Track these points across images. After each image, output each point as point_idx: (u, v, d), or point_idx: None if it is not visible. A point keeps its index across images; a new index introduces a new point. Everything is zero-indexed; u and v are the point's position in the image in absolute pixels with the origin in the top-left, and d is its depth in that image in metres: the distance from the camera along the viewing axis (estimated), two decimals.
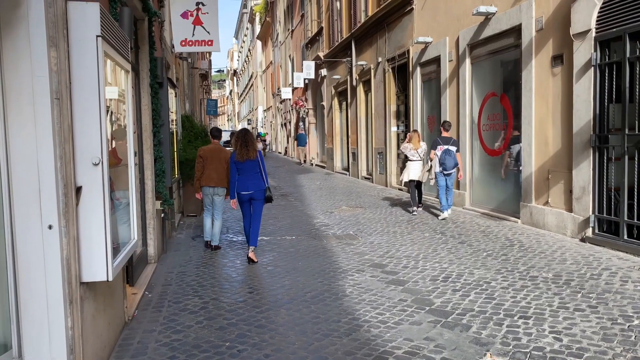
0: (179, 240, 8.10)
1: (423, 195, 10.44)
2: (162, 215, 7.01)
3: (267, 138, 41.93)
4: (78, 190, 3.13)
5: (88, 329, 3.29)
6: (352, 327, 4.34)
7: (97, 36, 3.11)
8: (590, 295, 4.83)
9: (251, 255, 6.59)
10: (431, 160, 9.49)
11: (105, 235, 3.20)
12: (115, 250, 3.46)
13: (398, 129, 14.29)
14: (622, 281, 5.18)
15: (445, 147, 9.22)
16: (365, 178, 17.05)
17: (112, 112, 3.81)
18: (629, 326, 4.09)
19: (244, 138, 6.73)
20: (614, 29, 6.35)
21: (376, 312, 4.65)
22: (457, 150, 9.38)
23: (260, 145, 13.70)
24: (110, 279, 3.26)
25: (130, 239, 4.16)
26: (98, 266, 3.21)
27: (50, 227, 2.88)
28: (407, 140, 10.27)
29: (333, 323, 4.43)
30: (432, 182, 9.67)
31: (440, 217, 9.31)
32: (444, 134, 9.43)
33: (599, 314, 4.37)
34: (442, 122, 9.99)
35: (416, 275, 5.78)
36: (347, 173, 19.26)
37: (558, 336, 3.96)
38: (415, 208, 10.01)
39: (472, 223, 8.72)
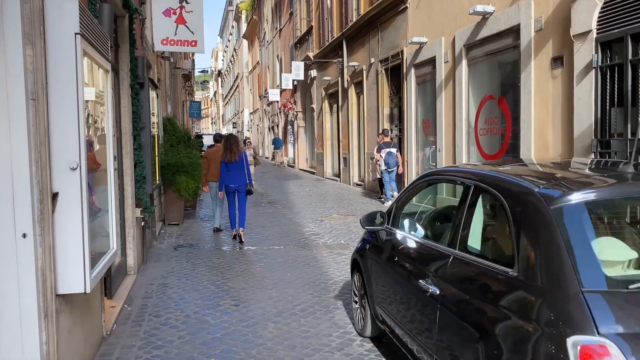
0: (160, 250, 8.05)
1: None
2: (143, 223, 6.97)
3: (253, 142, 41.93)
4: (54, 196, 3.11)
5: (64, 344, 3.27)
6: (344, 341, 4.34)
7: (76, 34, 3.10)
8: None
9: (241, 233, 8.62)
10: (377, 161, 12.56)
11: (82, 244, 3.18)
12: (93, 261, 3.44)
13: (392, 133, 14.35)
14: None
15: (388, 149, 12.28)
16: (357, 184, 17.09)
17: (90, 114, 3.80)
18: None
19: (230, 143, 8.81)
20: (616, 30, 6.45)
21: None
22: (397, 151, 12.46)
23: (250, 152, 14.29)
24: (88, 290, 3.24)
25: (108, 249, 4.14)
26: (75, 277, 3.19)
27: (24, 235, 2.86)
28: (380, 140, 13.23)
29: (324, 337, 4.43)
30: (374, 177, 13.38)
31: (385, 204, 11.97)
32: (385, 139, 12.56)
33: None
34: (382, 130, 13.20)
35: None
36: (338, 179, 19.30)
37: None
38: (382, 196, 13.16)
39: None
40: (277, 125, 33.31)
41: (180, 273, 6.69)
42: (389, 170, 12.27)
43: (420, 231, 3.85)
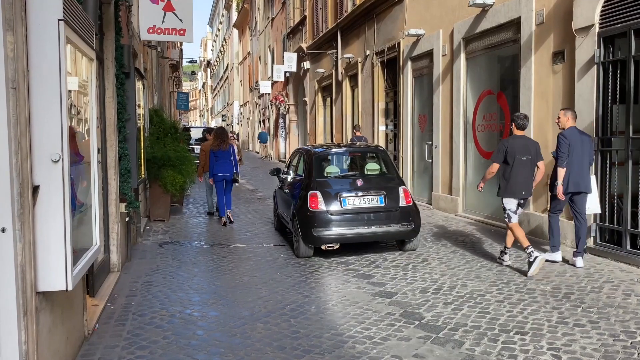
0: (145, 247, 8.03)
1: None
2: (127, 219, 6.95)
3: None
4: (35, 189, 3.10)
5: (44, 343, 3.25)
6: (335, 343, 4.36)
7: (59, 20, 3.08)
8: (591, 309, 4.93)
9: (229, 214, 10.03)
10: None
11: (64, 240, 3.17)
12: (75, 257, 3.43)
13: (387, 128, 14.38)
14: (624, 295, 5.29)
15: (359, 143, 13.22)
16: None
17: (73, 105, 3.78)
18: (631, 343, 4.18)
19: (221, 134, 10.29)
20: (619, 25, 6.49)
21: (362, 327, 4.67)
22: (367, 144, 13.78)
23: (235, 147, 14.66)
24: (70, 288, 3.23)
25: (91, 245, 4.12)
26: (56, 274, 3.18)
27: (3, 230, 2.84)
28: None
29: (314, 338, 4.44)
30: None
31: None
32: (357, 134, 14.04)
33: (600, 329, 4.45)
34: (354, 125, 15.16)
35: (405, 286, 5.82)
36: None
37: (557, 353, 4.03)
38: None
39: (465, 231, 8.81)
40: (268, 119, 33.25)
41: (165, 271, 6.68)
42: None
43: (290, 173, 8.49)
